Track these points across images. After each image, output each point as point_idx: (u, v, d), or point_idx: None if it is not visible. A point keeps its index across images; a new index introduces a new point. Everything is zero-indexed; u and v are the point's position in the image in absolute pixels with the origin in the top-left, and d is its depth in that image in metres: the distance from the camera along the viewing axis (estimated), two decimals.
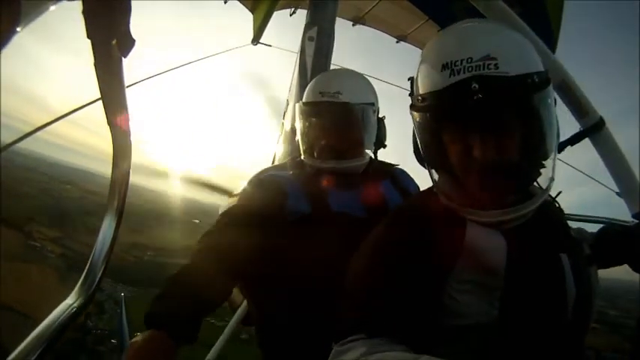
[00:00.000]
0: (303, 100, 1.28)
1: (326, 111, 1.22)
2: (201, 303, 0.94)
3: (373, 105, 1.26)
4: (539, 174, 0.81)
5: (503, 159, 0.74)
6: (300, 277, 1.09)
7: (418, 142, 0.86)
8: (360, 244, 0.87)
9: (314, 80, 1.32)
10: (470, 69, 0.71)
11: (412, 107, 0.83)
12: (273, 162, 2.12)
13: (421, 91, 0.79)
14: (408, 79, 0.86)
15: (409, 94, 0.86)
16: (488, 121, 0.73)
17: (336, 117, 1.21)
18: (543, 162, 0.80)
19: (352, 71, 1.39)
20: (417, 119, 0.83)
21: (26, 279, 22.96)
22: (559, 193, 0.90)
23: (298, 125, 1.30)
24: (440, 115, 0.78)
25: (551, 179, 0.80)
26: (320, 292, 0.97)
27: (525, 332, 0.75)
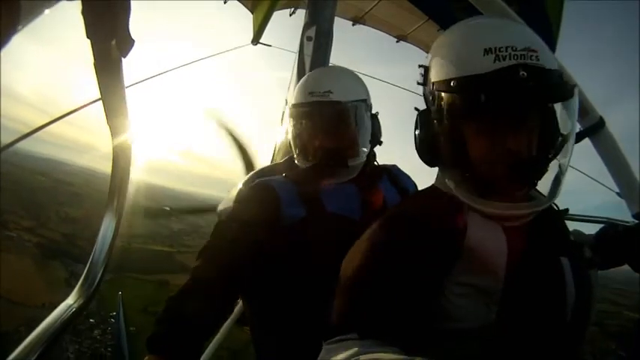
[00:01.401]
0: (294, 101, 1.23)
1: (317, 111, 1.17)
2: (203, 325, 0.94)
3: (365, 101, 1.22)
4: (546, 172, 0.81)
5: (532, 153, 0.75)
6: (295, 281, 1.09)
7: (427, 136, 0.82)
8: (355, 243, 0.85)
9: (302, 80, 1.27)
10: (515, 57, 0.69)
11: (439, 87, 0.78)
12: (272, 161, 2.13)
13: (452, 75, 0.75)
14: (420, 67, 0.83)
15: (420, 83, 0.83)
16: (530, 112, 0.74)
17: (328, 117, 1.17)
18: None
19: (342, 68, 1.37)
20: (445, 104, 0.78)
21: (7, 268, 24.21)
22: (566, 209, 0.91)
23: (290, 127, 1.26)
24: (484, 100, 0.73)
25: (562, 173, 0.80)
26: (316, 295, 0.96)
27: (522, 337, 0.74)
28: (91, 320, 18.12)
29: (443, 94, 0.78)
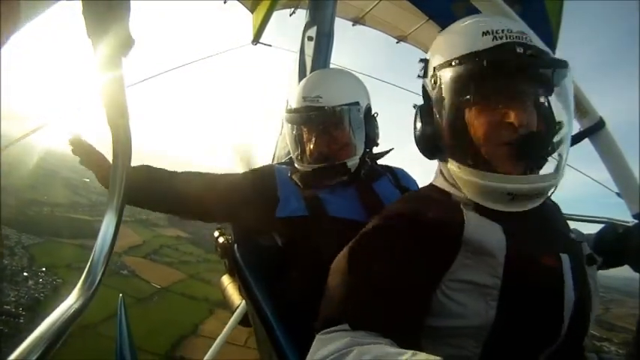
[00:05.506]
0: (288, 105, 1.28)
1: (306, 117, 1.22)
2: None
3: (358, 104, 1.24)
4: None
5: (533, 129, 0.79)
6: (299, 280, 1.09)
7: (427, 127, 0.85)
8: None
9: (300, 83, 1.31)
10: (511, 37, 0.77)
11: (441, 70, 0.82)
12: (272, 161, 2.13)
13: (454, 55, 0.80)
14: (420, 61, 0.89)
15: (420, 76, 0.89)
16: (529, 86, 0.79)
17: (317, 122, 1.21)
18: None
19: (338, 71, 1.38)
20: (447, 85, 0.81)
21: None
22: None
23: (287, 131, 1.31)
24: (485, 70, 0.76)
25: (561, 169, 0.81)
26: (319, 295, 0.97)
27: (522, 334, 0.74)
28: (25, 274, 22.53)
29: (445, 75, 0.81)
